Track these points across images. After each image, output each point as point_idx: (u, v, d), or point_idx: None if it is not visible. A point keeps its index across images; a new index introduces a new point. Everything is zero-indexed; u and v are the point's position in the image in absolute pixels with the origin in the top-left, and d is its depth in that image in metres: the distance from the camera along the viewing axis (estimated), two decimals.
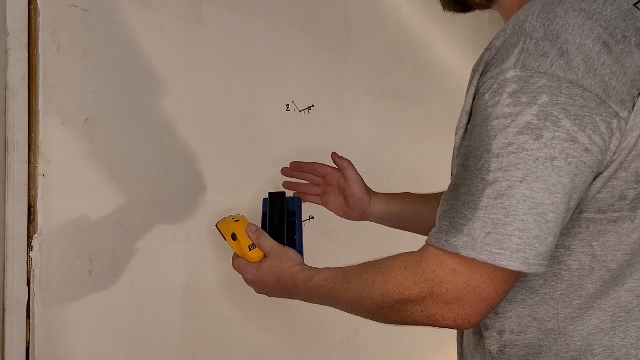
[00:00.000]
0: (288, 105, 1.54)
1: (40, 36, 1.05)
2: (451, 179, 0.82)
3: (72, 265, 1.10)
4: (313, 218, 1.56)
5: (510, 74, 0.66)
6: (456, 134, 0.77)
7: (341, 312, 0.88)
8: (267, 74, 1.49)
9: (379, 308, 0.77)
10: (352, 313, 0.84)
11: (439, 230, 0.71)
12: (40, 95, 1.05)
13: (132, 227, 1.20)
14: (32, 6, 1.05)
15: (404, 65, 2.00)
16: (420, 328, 0.80)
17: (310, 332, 1.61)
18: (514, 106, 0.66)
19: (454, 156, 0.80)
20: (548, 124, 0.65)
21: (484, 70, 0.71)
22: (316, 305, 0.94)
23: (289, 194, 1.13)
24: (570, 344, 0.74)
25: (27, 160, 1.05)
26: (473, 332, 0.84)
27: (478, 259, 0.66)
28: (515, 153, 0.65)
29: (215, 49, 1.36)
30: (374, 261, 0.81)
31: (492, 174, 0.66)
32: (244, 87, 1.43)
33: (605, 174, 0.69)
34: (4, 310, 1.03)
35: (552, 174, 0.65)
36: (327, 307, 0.91)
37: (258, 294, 1.03)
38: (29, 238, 1.05)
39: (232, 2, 1.41)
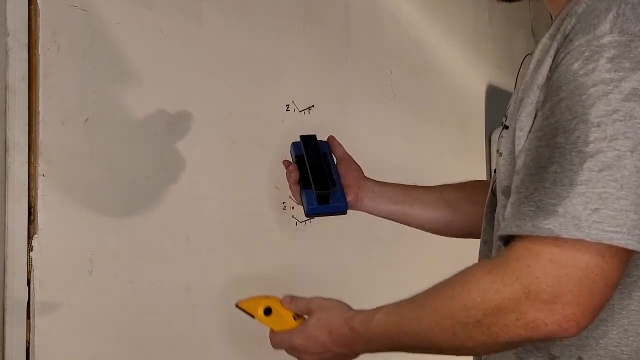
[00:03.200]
0: (288, 105, 1.54)
1: (40, 36, 1.05)
2: (496, 177, 0.77)
3: (72, 265, 1.10)
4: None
5: (607, 38, 0.62)
6: (515, 117, 0.71)
7: None
8: (267, 74, 1.49)
9: (462, 327, 0.65)
10: (427, 349, 0.71)
11: (518, 218, 0.63)
12: (40, 95, 1.05)
13: (132, 227, 1.20)
14: (32, 6, 1.05)
15: (404, 65, 2.00)
16: None
17: None
18: (614, 71, 0.61)
19: (497, 152, 0.76)
20: None
21: (563, 40, 0.66)
22: None
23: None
24: (623, 338, 0.67)
25: (27, 160, 1.04)
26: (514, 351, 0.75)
27: (588, 239, 0.58)
28: (621, 121, 0.60)
29: (215, 49, 1.36)
30: (446, 279, 0.70)
31: (592, 144, 0.60)
32: (244, 87, 1.43)
33: None
34: (4, 310, 1.03)
35: None
36: None
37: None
38: (29, 238, 1.05)
39: (232, 2, 1.41)
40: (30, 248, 1.04)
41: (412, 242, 1.34)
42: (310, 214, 1.02)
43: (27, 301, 1.04)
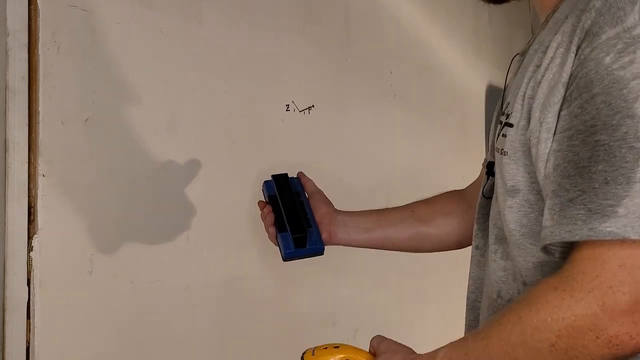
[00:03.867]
0: (288, 105, 1.54)
1: (40, 36, 1.05)
2: (510, 179, 0.73)
3: (72, 265, 1.10)
4: None
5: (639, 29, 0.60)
6: (525, 116, 0.69)
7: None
8: (267, 74, 1.49)
9: (536, 354, 0.59)
10: None
11: (568, 223, 0.59)
12: (40, 95, 1.05)
13: (132, 227, 1.20)
14: (32, 6, 1.05)
15: (404, 65, 2.00)
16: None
17: (310, 332, 1.61)
18: None
19: (498, 151, 0.73)
20: None
21: (585, 35, 0.63)
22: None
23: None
24: None
25: (27, 160, 1.05)
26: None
27: None
28: None
29: (215, 49, 1.36)
30: (510, 305, 0.65)
31: None
32: (244, 87, 1.43)
33: None
34: (4, 310, 1.03)
35: None
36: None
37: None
38: (29, 238, 1.05)
39: (232, 2, 1.41)
40: (30, 248, 1.05)
41: None
42: (288, 258, 1.01)
43: (27, 301, 1.04)
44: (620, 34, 0.61)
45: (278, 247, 1.03)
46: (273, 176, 1.08)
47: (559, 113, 0.65)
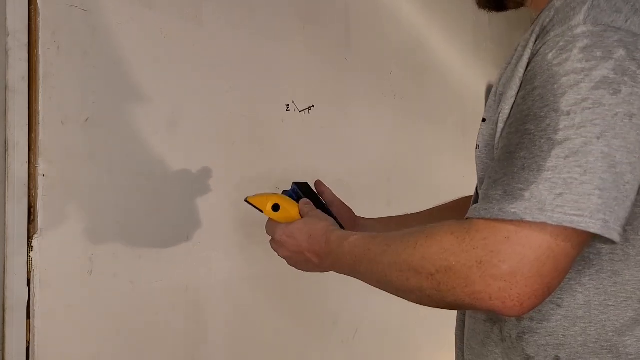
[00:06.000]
0: (288, 105, 1.54)
1: (40, 36, 1.05)
2: (481, 171, 0.79)
3: (72, 265, 1.10)
4: None
5: (581, 29, 0.63)
6: (494, 110, 0.73)
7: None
8: (267, 74, 1.50)
9: (416, 275, 0.68)
10: (382, 285, 0.75)
11: (487, 202, 0.64)
12: (40, 95, 1.05)
13: (132, 227, 1.20)
14: (32, 6, 1.05)
15: (404, 65, 2.00)
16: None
17: (310, 332, 1.61)
18: (586, 61, 0.62)
19: (476, 146, 0.78)
20: (626, 79, 0.61)
21: (541, 32, 0.68)
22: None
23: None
24: (602, 334, 0.69)
25: (27, 160, 1.04)
26: (485, 319, 0.80)
27: (550, 222, 0.60)
28: (590, 108, 0.61)
29: (215, 49, 1.37)
30: (418, 228, 0.73)
31: (561, 132, 0.61)
32: (244, 87, 1.43)
33: None
34: (4, 310, 1.03)
35: (630, 131, 0.61)
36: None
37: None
38: (29, 238, 1.05)
39: (232, 3, 1.41)
40: (30, 248, 1.05)
41: None
42: None
43: (27, 301, 1.04)
44: (564, 32, 0.64)
45: None
46: (295, 183, 1.08)
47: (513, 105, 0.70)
